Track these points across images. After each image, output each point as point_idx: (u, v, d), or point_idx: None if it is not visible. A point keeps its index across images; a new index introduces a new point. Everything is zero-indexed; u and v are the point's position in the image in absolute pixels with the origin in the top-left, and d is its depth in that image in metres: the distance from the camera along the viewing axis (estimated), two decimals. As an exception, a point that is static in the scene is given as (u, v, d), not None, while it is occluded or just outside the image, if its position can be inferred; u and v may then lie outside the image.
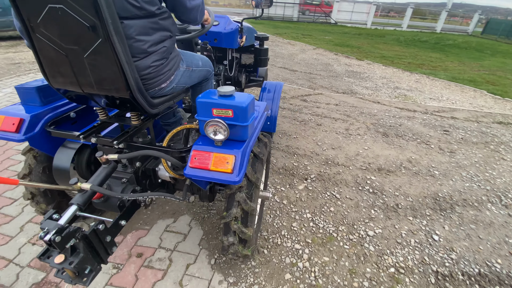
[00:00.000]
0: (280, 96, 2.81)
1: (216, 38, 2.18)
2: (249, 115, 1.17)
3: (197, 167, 1.14)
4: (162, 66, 1.18)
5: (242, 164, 1.15)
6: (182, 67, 1.35)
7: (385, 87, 6.07)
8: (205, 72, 1.59)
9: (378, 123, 4.05)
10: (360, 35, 15.91)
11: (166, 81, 1.24)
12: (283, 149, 3.14)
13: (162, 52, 1.15)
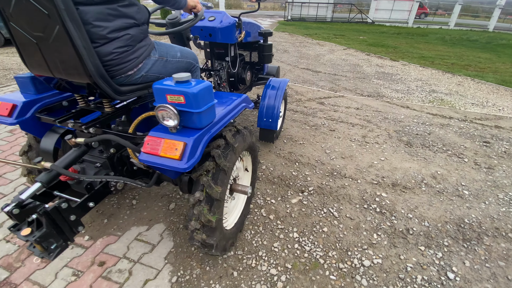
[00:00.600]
0: (283, 94, 2.70)
1: (211, 33, 2.13)
2: (203, 102, 1.14)
3: (149, 152, 1.15)
4: (127, 53, 1.19)
5: (194, 152, 1.14)
6: (154, 56, 1.35)
7: (419, 90, 5.43)
8: (184, 64, 1.57)
9: (402, 131, 3.56)
10: (399, 34, 14.78)
11: (133, 69, 1.25)
12: (284, 156, 2.86)
13: (126, 39, 1.16)
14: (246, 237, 1.86)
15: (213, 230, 1.38)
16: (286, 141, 3.18)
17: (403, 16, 19.19)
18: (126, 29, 1.16)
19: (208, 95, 1.18)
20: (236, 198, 1.89)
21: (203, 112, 1.16)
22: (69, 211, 1.18)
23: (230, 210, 1.82)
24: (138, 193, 2.29)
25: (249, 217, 2.03)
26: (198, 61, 1.72)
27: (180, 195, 2.25)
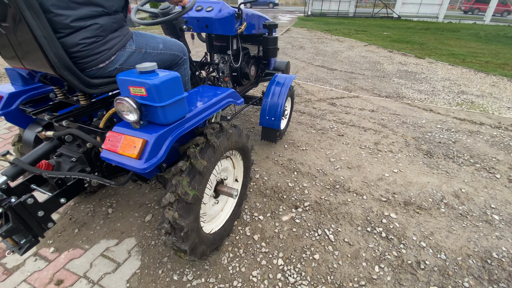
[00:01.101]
0: (287, 91, 2.55)
1: (208, 24, 2.01)
2: (166, 95, 1.04)
3: (109, 149, 1.08)
4: (96, 44, 1.12)
5: (156, 151, 1.05)
6: (130, 48, 1.27)
7: (446, 91, 4.89)
8: (168, 56, 1.48)
9: (422, 138, 3.14)
10: (428, 30, 13.79)
11: (105, 61, 1.18)
12: (282, 163, 2.57)
13: (94, 29, 1.09)
14: (222, 261, 1.61)
15: (184, 233, 1.24)
16: (287, 146, 2.88)
17: (432, 10, 17.92)
18: (94, 18, 1.09)
19: (174, 88, 1.07)
20: (224, 200, 1.76)
21: (167, 106, 1.05)
22: (36, 206, 1.13)
23: (216, 213, 1.69)
24: (116, 200, 2.11)
25: (231, 236, 1.78)
26: (187, 53, 1.61)
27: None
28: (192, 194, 1.20)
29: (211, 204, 1.60)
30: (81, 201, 2.09)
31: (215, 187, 1.56)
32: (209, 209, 1.58)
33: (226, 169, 1.68)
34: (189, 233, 1.26)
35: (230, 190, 1.53)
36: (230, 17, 2.05)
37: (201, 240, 1.38)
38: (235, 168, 1.78)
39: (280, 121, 2.51)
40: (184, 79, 1.63)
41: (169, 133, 1.10)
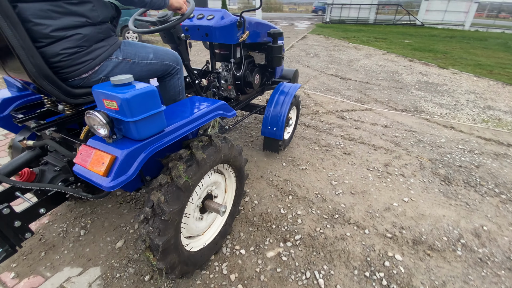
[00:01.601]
0: (291, 100, 2.49)
1: (208, 33, 1.98)
2: (138, 109, 0.99)
3: (79, 163, 1.05)
4: (79, 54, 1.10)
5: (126, 169, 1.00)
6: (116, 58, 1.24)
7: (470, 106, 4.46)
8: (160, 66, 1.45)
9: (440, 160, 2.80)
10: (453, 38, 13.10)
11: (88, 71, 1.16)
12: (277, 185, 2.34)
13: (76, 39, 1.08)
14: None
15: (159, 252, 1.15)
16: (285, 164, 2.64)
17: (458, 18, 17.08)
18: (76, 28, 1.07)
19: (148, 102, 1.01)
20: (213, 217, 1.67)
21: (140, 121, 1.00)
22: (12, 216, 1.11)
23: (201, 230, 1.59)
24: (92, 219, 1.96)
25: (203, 273, 1.56)
26: (181, 63, 1.58)
27: (135, 229, 1.87)
28: (166, 210, 1.13)
29: (196, 219, 1.51)
30: (56, 220, 1.96)
31: (202, 202, 1.50)
32: (194, 224, 1.49)
33: (217, 184, 1.60)
34: (167, 231, 1.17)
35: (218, 206, 1.45)
36: (231, 26, 1.99)
37: (178, 255, 1.28)
38: (226, 183, 1.71)
39: (282, 132, 2.43)
40: (177, 89, 1.61)
41: (142, 149, 1.04)
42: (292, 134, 2.99)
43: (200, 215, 1.53)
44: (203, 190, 1.46)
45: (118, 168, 0.96)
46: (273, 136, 2.48)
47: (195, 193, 1.39)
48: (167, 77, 1.55)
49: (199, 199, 1.47)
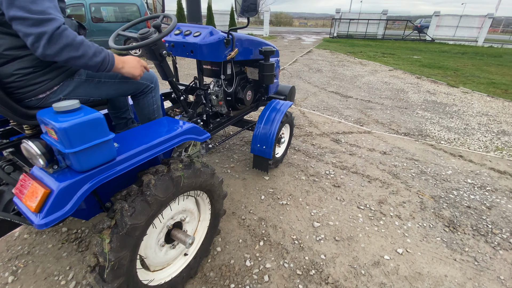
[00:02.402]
0: (281, 118, 2.42)
1: (192, 50, 1.91)
2: (77, 140, 0.88)
3: (17, 194, 0.96)
4: (34, 75, 1.06)
5: (63, 204, 0.89)
6: (79, 78, 1.20)
7: (482, 130, 4.05)
8: (131, 85, 1.40)
9: (445, 198, 2.42)
10: (464, 54, 12.68)
11: (45, 92, 1.11)
12: (249, 225, 2.01)
13: (31, 59, 1.04)
14: None
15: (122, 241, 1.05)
16: (264, 198, 2.32)
17: (471, 33, 16.66)
18: (27, 48, 0.99)
19: (91, 131, 0.92)
20: (176, 254, 1.49)
21: (81, 152, 0.91)
22: None
23: (167, 261, 1.44)
24: (27, 262, 1.67)
25: None
26: (155, 81, 1.55)
27: (68, 280, 1.56)
28: (110, 264, 1.02)
29: (160, 250, 1.37)
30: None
31: (169, 231, 1.38)
32: (157, 255, 1.35)
33: (188, 212, 1.47)
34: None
35: (184, 237, 1.33)
36: (217, 43, 1.93)
37: (131, 283, 1.15)
38: (200, 213, 1.59)
39: (271, 150, 2.35)
40: (152, 107, 1.57)
41: (84, 182, 0.94)
42: (285, 153, 2.87)
43: (166, 245, 1.39)
44: (169, 217, 1.34)
45: (51, 204, 0.88)
46: (262, 154, 2.39)
47: (158, 219, 1.27)
48: (140, 96, 1.49)
49: (164, 228, 1.34)
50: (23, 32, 0.90)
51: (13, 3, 0.87)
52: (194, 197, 1.47)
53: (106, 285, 1.04)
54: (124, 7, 9.05)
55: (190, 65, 8.21)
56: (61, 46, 0.95)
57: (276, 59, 2.84)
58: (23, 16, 0.88)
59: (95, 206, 1.21)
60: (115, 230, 1.04)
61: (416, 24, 19.44)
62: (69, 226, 1.98)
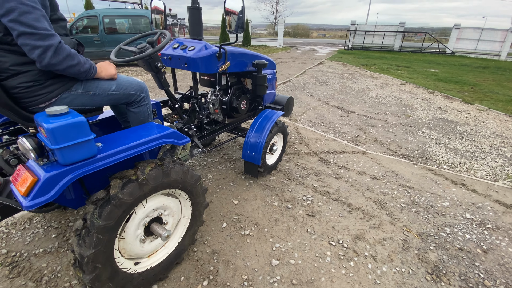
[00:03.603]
0: (271, 127, 2.57)
1: (186, 63, 2.09)
2: (62, 138, 1.06)
3: (12, 181, 1.13)
4: (35, 88, 1.22)
5: (47, 190, 1.06)
6: (76, 91, 1.35)
7: (493, 154, 3.64)
8: (122, 96, 1.54)
9: (434, 236, 2.10)
10: (486, 68, 11.97)
11: (45, 102, 1.27)
12: (198, 259, 1.79)
13: (32, 74, 1.20)
14: None
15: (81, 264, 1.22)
16: (226, 226, 2.11)
17: (493, 47, 15.78)
18: (29, 64, 1.18)
19: (74, 131, 1.08)
20: (160, 243, 1.64)
21: (64, 149, 1.08)
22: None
23: (145, 253, 1.56)
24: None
25: None
26: (146, 91, 1.68)
27: None
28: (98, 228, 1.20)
29: (139, 240, 1.49)
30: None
31: (149, 224, 1.51)
32: (135, 245, 1.47)
33: (167, 209, 1.59)
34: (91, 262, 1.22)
35: (161, 230, 1.49)
36: (209, 57, 2.08)
37: (112, 275, 1.32)
38: (182, 211, 1.71)
39: (260, 156, 2.50)
40: (146, 114, 1.71)
41: (66, 174, 1.11)
42: (279, 160, 2.99)
43: (144, 237, 1.51)
44: (148, 212, 1.47)
45: (38, 190, 1.04)
46: (252, 160, 2.55)
47: (138, 213, 1.41)
48: (133, 105, 1.64)
49: (143, 222, 1.46)
50: (31, 45, 1.07)
51: (21, 22, 1.04)
52: (172, 194, 1.59)
53: (84, 276, 1.22)
54: (136, 19, 9.34)
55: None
56: (64, 56, 1.15)
57: (273, 71, 3.01)
58: (31, 31, 1.05)
59: (83, 197, 1.41)
60: (86, 230, 1.20)
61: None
62: (10, 248, 1.87)
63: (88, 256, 1.18)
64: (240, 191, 2.57)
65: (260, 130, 2.55)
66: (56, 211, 2.24)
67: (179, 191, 1.59)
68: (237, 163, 3.09)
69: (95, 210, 1.20)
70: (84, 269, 1.21)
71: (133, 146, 1.32)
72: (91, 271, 1.22)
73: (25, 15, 1.04)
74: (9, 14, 1.02)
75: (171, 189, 1.52)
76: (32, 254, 1.84)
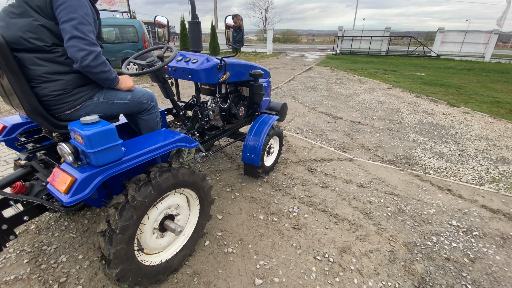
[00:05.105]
0: (268, 130, 2.75)
1: (190, 74, 2.26)
2: (96, 143, 1.21)
3: (50, 182, 1.26)
4: (63, 96, 1.38)
5: (83, 189, 1.20)
6: (98, 99, 1.51)
7: (479, 157, 3.68)
8: (135, 105, 1.71)
9: (421, 246, 2.07)
10: (470, 70, 12.28)
11: (71, 109, 1.42)
12: (178, 281, 1.70)
13: (61, 84, 1.35)
14: None
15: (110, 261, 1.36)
16: (208, 244, 2.03)
17: (477, 49, 16.23)
18: (61, 74, 1.35)
19: (106, 137, 1.23)
20: (174, 236, 1.80)
21: (98, 152, 1.22)
22: (0, 221, 1.35)
23: (161, 247, 1.73)
24: None
25: None
26: (155, 100, 1.83)
27: None
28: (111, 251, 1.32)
29: (155, 236, 1.66)
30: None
31: (162, 221, 1.66)
32: (151, 241, 1.64)
33: (179, 207, 1.76)
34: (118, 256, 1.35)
35: (175, 226, 1.63)
36: (211, 68, 2.24)
37: (132, 267, 1.44)
38: (190, 206, 1.87)
39: (259, 158, 2.67)
40: (155, 121, 1.86)
41: (98, 174, 1.25)
42: (276, 162, 3.16)
43: (160, 233, 1.68)
44: (161, 211, 1.62)
45: (76, 188, 1.17)
46: (251, 162, 2.72)
47: (152, 213, 1.56)
48: (144, 113, 1.79)
49: (157, 219, 1.62)
50: (79, 47, 1.26)
51: (78, 28, 1.26)
52: (180, 193, 1.73)
53: (110, 246, 1.32)
54: (123, 28, 9.26)
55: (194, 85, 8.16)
56: (100, 62, 1.35)
57: (267, 80, 3.20)
58: (83, 37, 1.27)
59: (105, 197, 1.55)
60: (110, 231, 1.33)
61: None
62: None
63: (114, 253, 1.32)
64: (225, 205, 2.50)
65: (258, 134, 2.71)
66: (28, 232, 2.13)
67: (188, 189, 1.74)
68: (223, 175, 3.02)
69: (116, 212, 1.32)
70: (111, 265, 1.35)
71: (152, 150, 1.48)
72: (116, 266, 1.36)
73: (82, 25, 1.27)
74: (70, 21, 1.25)
75: (181, 188, 1.68)
76: (2, 282, 1.74)
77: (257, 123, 2.81)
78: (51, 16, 1.26)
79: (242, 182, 2.88)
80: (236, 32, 2.27)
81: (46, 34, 1.27)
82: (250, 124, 3.22)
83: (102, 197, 1.54)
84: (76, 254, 1.94)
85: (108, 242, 1.32)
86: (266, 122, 2.81)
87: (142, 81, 8.77)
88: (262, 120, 2.84)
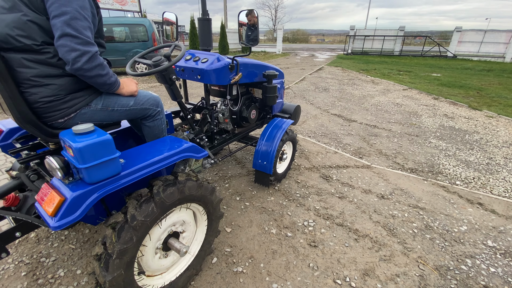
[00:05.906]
0: (282, 135, 2.55)
1: (200, 75, 2.10)
2: (89, 157, 1.05)
3: (38, 200, 1.13)
4: (55, 103, 1.22)
5: (74, 210, 1.05)
6: (95, 106, 1.35)
7: (510, 167, 3.38)
8: (139, 111, 1.55)
9: (455, 271, 1.83)
10: (490, 71, 11.74)
11: (64, 117, 1.27)
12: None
13: (52, 89, 1.20)
14: None
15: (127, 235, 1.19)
16: (216, 261, 1.85)
17: (497, 49, 15.56)
18: (52, 77, 1.19)
19: (100, 150, 1.07)
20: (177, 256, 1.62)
21: (91, 167, 1.06)
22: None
23: (164, 268, 1.56)
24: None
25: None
26: (161, 105, 1.68)
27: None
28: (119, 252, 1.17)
29: (157, 256, 1.50)
30: None
31: (165, 239, 1.49)
32: (154, 262, 1.48)
33: (184, 223, 1.60)
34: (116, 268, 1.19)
35: (180, 246, 1.45)
36: (222, 69, 2.09)
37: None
38: (197, 222, 1.71)
39: (272, 165, 2.49)
40: (161, 127, 1.72)
41: (92, 192, 1.09)
42: (288, 168, 2.96)
43: (164, 253, 1.52)
44: (165, 229, 1.46)
45: (65, 210, 1.02)
46: (263, 169, 2.54)
47: (155, 232, 1.40)
48: (148, 119, 1.64)
49: (160, 238, 1.46)
50: (70, 47, 1.09)
51: (70, 24, 1.08)
52: (187, 208, 1.56)
53: (105, 273, 1.16)
54: (133, 27, 9.21)
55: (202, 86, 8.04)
56: (96, 64, 1.17)
57: (281, 81, 2.98)
58: (76, 35, 1.09)
59: (102, 214, 1.38)
60: (125, 223, 1.19)
61: None
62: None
63: (110, 280, 1.17)
64: (234, 216, 2.32)
65: (271, 139, 2.53)
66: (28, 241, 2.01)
67: (195, 204, 1.57)
68: (232, 181, 2.85)
69: (114, 234, 1.18)
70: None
71: (155, 162, 1.30)
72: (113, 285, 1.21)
73: (75, 20, 1.10)
74: (62, 16, 1.07)
75: (187, 203, 1.51)
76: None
77: (269, 128, 2.63)
78: (42, 9, 1.09)
79: (253, 190, 2.69)
80: (251, 30, 2.08)
81: (35, 31, 1.11)
82: (261, 128, 3.11)
83: (99, 214, 1.38)
84: (75, 269, 1.80)
85: (103, 268, 1.16)
86: (279, 126, 2.63)
87: (149, 81, 8.68)
88: (275, 124, 2.66)
